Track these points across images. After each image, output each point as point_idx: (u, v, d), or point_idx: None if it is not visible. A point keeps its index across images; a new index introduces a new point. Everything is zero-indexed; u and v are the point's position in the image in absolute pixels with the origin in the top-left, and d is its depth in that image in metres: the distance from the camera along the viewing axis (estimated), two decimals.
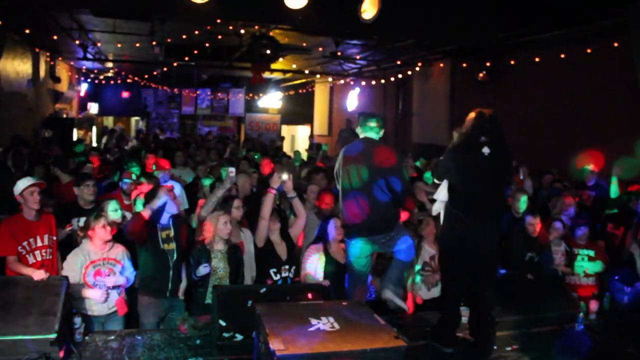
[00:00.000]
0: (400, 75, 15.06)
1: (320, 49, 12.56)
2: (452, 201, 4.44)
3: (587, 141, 9.13)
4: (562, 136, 10.09)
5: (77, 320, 4.18)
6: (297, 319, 3.36)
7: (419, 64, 13.97)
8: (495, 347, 4.55)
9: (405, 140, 16.32)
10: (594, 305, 5.48)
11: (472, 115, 4.46)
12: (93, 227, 4.58)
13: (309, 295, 4.43)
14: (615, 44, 8.82)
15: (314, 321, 3.33)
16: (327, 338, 3.16)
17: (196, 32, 10.93)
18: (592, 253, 6.23)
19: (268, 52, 10.34)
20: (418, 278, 5.64)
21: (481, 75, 12.03)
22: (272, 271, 5.09)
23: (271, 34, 10.54)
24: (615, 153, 8.22)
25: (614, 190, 6.84)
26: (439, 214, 4.66)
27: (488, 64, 11.72)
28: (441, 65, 13.80)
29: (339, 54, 12.46)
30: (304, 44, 12.00)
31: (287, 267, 5.18)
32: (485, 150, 4.32)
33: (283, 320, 3.32)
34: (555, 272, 5.87)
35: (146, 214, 4.64)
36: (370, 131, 4.84)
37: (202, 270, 4.75)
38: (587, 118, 9.66)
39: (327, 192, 6.19)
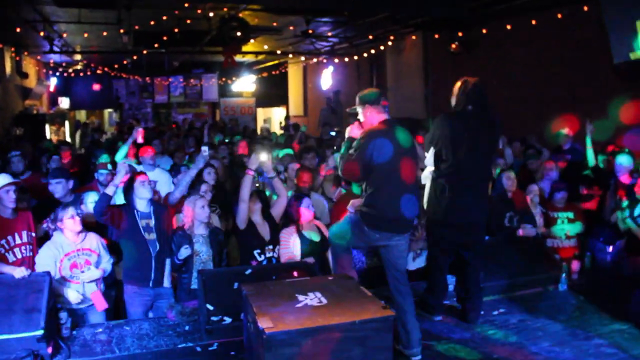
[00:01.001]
0: (373, 51, 15.00)
1: (292, 27, 12.43)
2: (438, 171, 4.43)
3: (561, 106, 9.21)
4: (538, 103, 10.16)
5: (63, 315, 4.14)
6: (284, 296, 3.36)
7: (391, 38, 13.92)
8: (482, 312, 4.63)
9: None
10: (575, 265, 5.59)
11: (457, 84, 4.46)
12: (62, 218, 4.49)
13: (295, 273, 4.43)
14: (585, 8, 8.85)
15: (301, 297, 3.33)
16: (316, 313, 3.17)
17: (164, 18, 10.72)
18: (571, 215, 6.30)
19: (238, 34, 10.20)
20: None
21: (453, 46, 12.01)
22: (256, 252, 5.06)
23: (240, 15, 10.39)
24: (588, 117, 8.30)
25: (590, 156, 6.90)
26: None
27: (460, 35, 11.70)
28: (413, 38, 13.75)
29: (310, 32, 12.31)
30: (275, 24, 11.85)
31: (270, 247, 5.14)
32: (472, 119, 4.34)
33: (270, 299, 3.32)
34: (537, 234, 5.94)
35: (110, 191, 4.60)
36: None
37: (184, 252, 4.68)
38: (560, 83, 9.71)
39: (305, 170, 6.17)
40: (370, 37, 13.96)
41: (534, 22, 9.95)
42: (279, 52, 15.85)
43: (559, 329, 4.48)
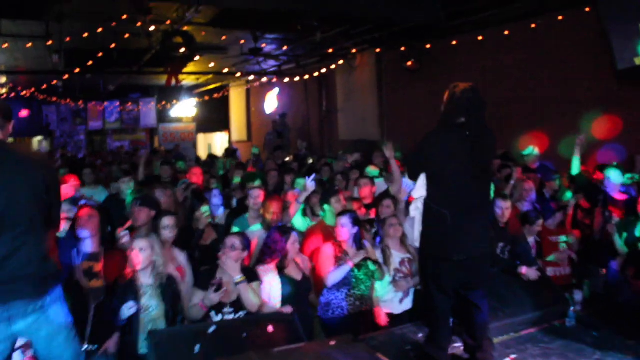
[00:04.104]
0: (324, 70, 14.38)
1: (242, 41, 11.46)
2: (432, 197, 3.70)
3: (529, 123, 8.81)
4: (503, 119, 9.71)
5: None
6: None
7: (342, 59, 13.34)
8: None
9: (331, 138, 15.71)
10: (579, 295, 4.95)
11: (447, 92, 3.76)
12: None
13: (270, 328, 3.59)
14: (560, 17, 8.49)
15: None
16: None
17: (99, 30, 9.58)
18: (565, 238, 5.76)
19: (183, 50, 9.28)
20: (388, 289, 4.90)
21: (409, 63, 11.54)
22: (212, 312, 3.99)
23: (185, 29, 9.48)
24: (557, 133, 7.96)
25: (576, 164, 6.39)
26: None
27: (430, 46, 11.20)
28: (365, 56, 13.23)
29: (261, 47, 11.52)
30: (223, 37, 10.90)
31: (231, 310, 4.00)
32: (467, 133, 3.63)
33: None
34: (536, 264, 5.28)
35: None
36: None
37: (127, 312, 3.73)
38: (526, 99, 9.32)
39: (274, 199, 5.35)
40: (320, 56, 13.32)
41: (480, 38, 9.59)
42: (225, 70, 14.85)
43: None
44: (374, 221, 5.61)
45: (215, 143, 24.30)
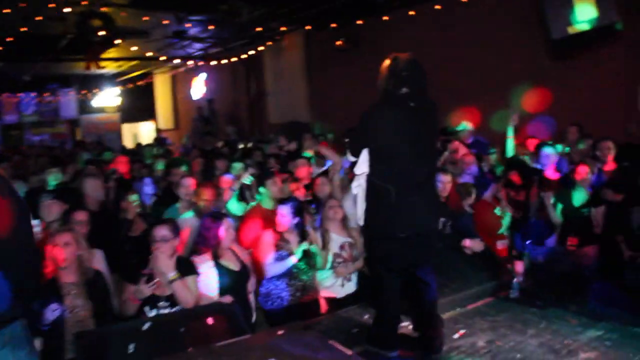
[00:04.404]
0: (252, 52, 14.02)
1: (166, 21, 10.84)
2: (376, 172, 3.50)
3: (462, 98, 8.82)
4: (437, 95, 9.70)
5: None
6: None
7: (270, 41, 13.02)
8: None
9: (261, 122, 15.41)
10: (520, 266, 4.94)
11: (386, 63, 3.58)
12: None
13: (210, 321, 3.34)
14: None
15: None
16: None
17: (6, 11, 8.73)
18: (499, 211, 5.75)
19: (102, 33, 8.67)
20: (328, 273, 4.73)
21: (339, 42, 11.38)
22: (145, 308, 3.67)
23: (103, 10, 8.84)
24: (490, 107, 7.99)
25: (510, 146, 6.40)
26: None
27: (353, 26, 11.03)
28: (294, 36, 12.96)
29: (184, 30, 11.02)
30: (144, 18, 10.27)
31: (167, 303, 3.72)
32: (410, 104, 3.47)
33: None
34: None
35: None
36: None
37: (50, 315, 3.37)
38: (459, 73, 9.33)
39: (206, 186, 5.06)
40: (248, 37, 12.93)
41: (429, 9, 9.49)
42: (149, 54, 14.13)
43: (534, 346, 3.77)
44: (311, 202, 5.43)
45: (142, 133, 23.42)
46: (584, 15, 4.77)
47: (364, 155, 3.55)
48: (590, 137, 6.59)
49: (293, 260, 4.35)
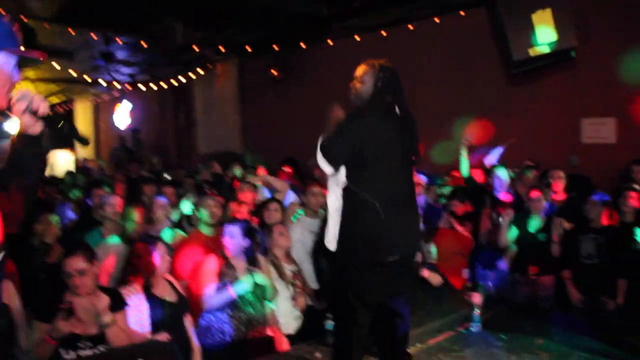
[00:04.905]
0: (183, 80, 13.46)
1: (95, 37, 10.00)
2: (360, 186, 3.04)
3: None
4: None
5: None
6: None
7: (202, 68, 12.53)
8: None
9: (190, 152, 14.80)
10: (477, 298, 4.63)
11: (364, 69, 3.22)
12: None
13: None
14: (436, 20, 8.42)
15: None
16: None
17: None
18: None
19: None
20: (283, 305, 4.24)
21: (274, 71, 11.05)
22: (60, 349, 3.01)
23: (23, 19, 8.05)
24: (432, 139, 7.79)
25: (465, 166, 6.19)
26: None
27: (288, 56, 10.70)
28: (228, 64, 12.56)
29: (110, 53, 10.31)
30: (71, 31, 9.40)
31: (89, 344, 3.08)
32: (396, 113, 3.16)
33: None
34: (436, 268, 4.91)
35: None
36: None
37: None
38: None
39: (136, 206, 4.49)
40: (179, 64, 12.38)
41: (375, 36, 9.29)
42: (74, 74, 13.03)
43: None
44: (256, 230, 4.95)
45: (59, 162, 22.03)
46: (545, 38, 4.69)
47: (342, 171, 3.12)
48: (535, 166, 6.48)
49: (239, 288, 3.82)
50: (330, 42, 9.80)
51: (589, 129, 6.92)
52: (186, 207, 5.08)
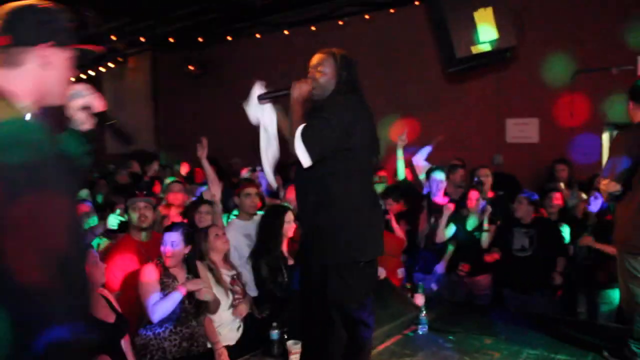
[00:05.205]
0: (91, 72, 12.62)
1: None
2: (340, 179, 2.83)
3: None
4: None
5: None
6: None
7: (112, 62, 11.80)
8: None
9: (99, 153, 13.90)
10: (420, 299, 4.55)
11: (322, 57, 2.97)
12: None
13: None
14: (366, 16, 8.34)
15: None
16: None
17: None
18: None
19: None
20: (224, 315, 3.94)
21: (191, 67, 10.59)
22: None
23: None
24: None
25: (401, 169, 6.12)
26: None
27: (208, 51, 10.28)
28: (141, 58, 11.91)
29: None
30: None
31: None
32: (368, 105, 2.98)
33: None
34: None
35: None
36: None
37: None
38: None
39: None
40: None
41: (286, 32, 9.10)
42: None
43: None
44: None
45: None
46: (486, 36, 4.70)
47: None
48: (462, 165, 6.52)
49: (182, 292, 3.47)
50: (258, 35, 9.47)
51: (513, 128, 7.10)
52: (113, 221, 4.58)
